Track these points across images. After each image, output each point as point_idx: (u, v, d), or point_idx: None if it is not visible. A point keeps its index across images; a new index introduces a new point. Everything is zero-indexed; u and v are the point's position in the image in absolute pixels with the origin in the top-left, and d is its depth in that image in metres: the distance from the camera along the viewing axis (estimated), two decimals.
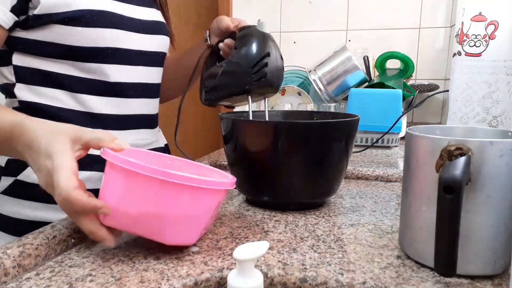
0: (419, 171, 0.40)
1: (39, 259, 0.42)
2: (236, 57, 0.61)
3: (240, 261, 0.30)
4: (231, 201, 0.64)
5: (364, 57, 1.28)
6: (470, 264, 0.38)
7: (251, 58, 0.60)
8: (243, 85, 0.61)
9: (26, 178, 0.61)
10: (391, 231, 0.51)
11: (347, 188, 0.73)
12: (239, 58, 0.60)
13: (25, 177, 0.61)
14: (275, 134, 0.54)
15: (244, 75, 0.60)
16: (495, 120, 0.98)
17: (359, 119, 0.59)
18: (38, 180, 0.43)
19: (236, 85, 0.62)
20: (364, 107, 1.11)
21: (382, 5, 1.55)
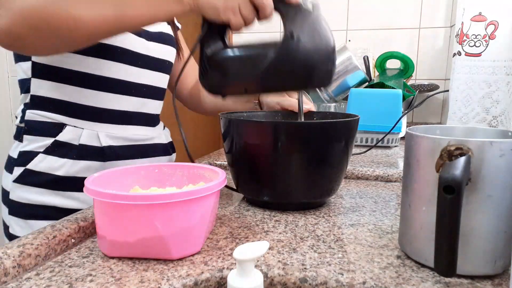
0: (419, 171, 0.40)
1: (39, 259, 0.42)
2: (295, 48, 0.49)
3: (240, 261, 0.30)
4: (231, 201, 0.64)
5: (364, 57, 1.28)
6: (470, 264, 0.38)
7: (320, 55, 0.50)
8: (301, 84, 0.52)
9: (34, 167, 0.65)
10: (391, 231, 0.51)
11: (347, 188, 0.73)
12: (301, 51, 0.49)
13: (33, 166, 0.65)
14: (275, 134, 0.54)
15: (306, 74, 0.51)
16: (495, 120, 0.98)
17: (359, 119, 0.59)
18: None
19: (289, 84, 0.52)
20: (364, 107, 1.11)
21: (382, 5, 1.55)
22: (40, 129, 0.67)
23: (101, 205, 0.42)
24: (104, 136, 0.69)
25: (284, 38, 0.50)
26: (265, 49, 0.52)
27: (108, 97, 0.68)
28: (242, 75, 0.54)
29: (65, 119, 0.67)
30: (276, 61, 0.50)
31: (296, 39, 0.49)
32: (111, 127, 0.70)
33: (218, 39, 0.56)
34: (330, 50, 0.50)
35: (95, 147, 0.68)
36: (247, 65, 0.53)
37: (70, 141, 0.67)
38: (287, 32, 0.49)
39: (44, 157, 0.66)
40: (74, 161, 0.66)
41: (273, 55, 0.50)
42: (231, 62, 0.55)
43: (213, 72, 0.56)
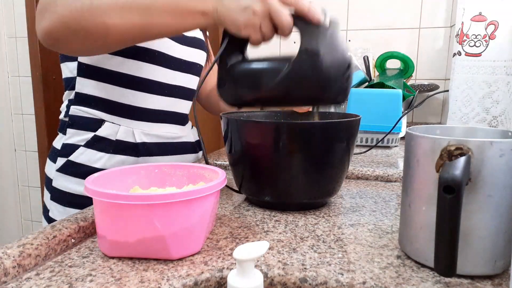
0: (419, 171, 0.40)
1: (39, 259, 0.42)
2: (310, 63, 0.50)
3: (240, 261, 0.30)
4: (231, 201, 0.64)
5: (364, 57, 1.28)
6: (470, 264, 0.38)
7: (334, 70, 0.50)
8: (316, 99, 0.52)
9: (76, 159, 0.71)
10: (391, 231, 0.51)
11: (347, 188, 0.73)
12: (316, 66, 0.49)
13: (75, 158, 0.71)
14: (276, 134, 0.54)
15: (320, 89, 0.50)
16: (495, 120, 0.98)
17: (360, 119, 0.59)
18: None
19: (302, 98, 0.53)
20: (364, 107, 1.11)
21: (382, 5, 1.55)
22: (82, 124, 0.72)
23: (101, 205, 0.42)
24: (139, 133, 0.74)
25: (298, 53, 0.50)
26: (280, 63, 0.52)
27: (144, 96, 0.73)
28: (256, 87, 0.55)
29: (104, 115, 0.72)
30: (289, 75, 0.51)
31: (310, 54, 0.49)
32: (145, 125, 0.74)
33: (237, 52, 0.58)
34: (345, 67, 0.50)
35: (130, 143, 0.73)
36: (262, 77, 0.54)
37: (108, 136, 0.71)
38: (303, 48, 0.50)
39: (84, 150, 0.71)
40: (110, 155, 0.71)
41: (287, 69, 0.51)
42: (247, 74, 0.56)
43: (230, 83, 0.57)
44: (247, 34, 0.53)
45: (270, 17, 0.52)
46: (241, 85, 0.56)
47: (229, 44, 0.57)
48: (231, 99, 0.58)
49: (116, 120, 0.72)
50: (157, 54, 0.73)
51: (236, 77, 0.57)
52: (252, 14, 0.51)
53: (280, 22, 0.51)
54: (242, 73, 0.57)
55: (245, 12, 0.52)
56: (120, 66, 0.70)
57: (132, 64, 0.71)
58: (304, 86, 0.51)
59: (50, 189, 0.74)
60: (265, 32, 0.53)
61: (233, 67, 0.57)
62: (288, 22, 0.51)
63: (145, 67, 0.72)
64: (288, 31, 0.53)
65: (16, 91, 2.15)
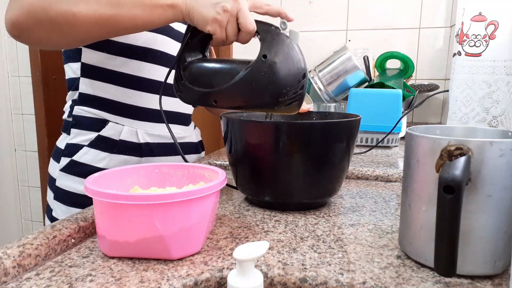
0: (419, 171, 0.40)
1: (39, 259, 0.42)
2: (267, 69, 0.52)
3: (240, 261, 0.30)
4: (231, 201, 0.64)
5: (364, 57, 1.28)
6: (470, 264, 0.38)
7: (290, 78, 0.52)
8: (270, 104, 0.53)
9: (79, 159, 0.71)
10: (391, 231, 0.51)
11: (347, 188, 0.73)
12: (272, 73, 0.51)
13: (78, 157, 0.71)
14: (276, 134, 0.54)
15: (274, 94, 0.52)
16: (495, 120, 0.98)
17: (360, 119, 0.59)
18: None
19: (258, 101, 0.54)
20: (364, 107, 1.11)
21: (382, 5, 1.55)
22: (86, 124, 0.72)
23: (101, 205, 0.42)
24: (142, 133, 0.74)
25: (256, 58, 0.53)
26: (238, 65, 0.54)
27: (147, 97, 0.73)
28: (211, 86, 0.56)
29: (108, 115, 0.72)
30: (245, 78, 0.53)
31: (267, 60, 0.52)
32: (149, 125, 0.75)
33: (198, 49, 0.59)
34: (300, 76, 0.52)
35: (133, 143, 0.73)
36: (217, 78, 0.55)
37: (112, 136, 0.72)
38: (261, 54, 0.52)
39: (88, 150, 0.71)
40: (114, 155, 0.72)
41: (243, 72, 0.53)
42: (203, 73, 0.57)
43: (186, 79, 0.58)
44: (213, 30, 0.54)
45: (237, 17, 0.53)
46: (199, 82, 0.57)
47: (191, 41, 0.58)
48: (188, 96, 0.59)
49: (120, 120, 0.72)
50: (159, 54, 0.73)
51: (195, 74, 0.57)
52: (222, 10, 0.52)
53: (245, 25, 0.53)
54: (201, 70, 0.57)
55: (215, 8, 0.52)
56: (123, 67, 0.71)
57: (135, 64, 0.71)
58: (260, 90, 0.53)
59: (53, 189, 0.74)
60: (229, 32, 0.54)
61: (192, 63, 0.58)
62: (253, 26, 0.53)
63: (148, 67, 0.72)
64: (250, 35, 0.55)
65: (16, 91, 2.15)
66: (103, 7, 0.54)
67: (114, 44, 0.70)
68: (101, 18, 0.55)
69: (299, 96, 0.53)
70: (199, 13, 0.53)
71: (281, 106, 0.53)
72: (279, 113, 0.59)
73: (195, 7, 0.53)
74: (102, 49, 0.70)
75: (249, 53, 0.63)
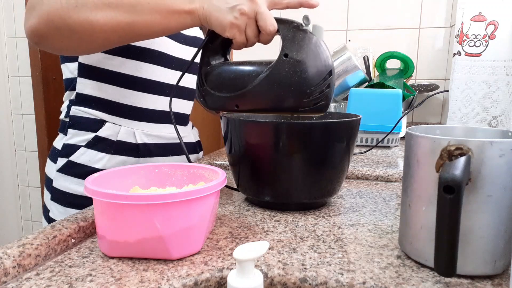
0: (419, 171, 0.40)
1: (39, 259, 0.42)
2: (288, 69, 0.49)
3: (240, 261, 0.30)
4: (231, 201, 0.64)
5: (364, 57, 1.28)
6: (470, 264, 0.38)
7: (313, 76, 0.48)
8: (294, 106, 0.50)
9: (76, 159, 0.71)
10: (391, 231, 0.51)
11: (347, 188, 0.73)
12: (294, 72, 0.48)
13: (75, 158, 0.71)
14: (276, 134, 0.54)
15: (298, 94, 0.49)
16: (495, 120, 0.98)
17: (360, 119, 0.59)
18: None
19: (281, 103, 0.50)
20: (364, 107, 1.11)
21: (382, 5, 1.55)
22: (83, 124, 0.72)
23: (101, 205, 0.42)
24: (140, 133, 0.74)
25: (278, 58, 0.50)
26: (259, 67, 0.52)
27: (145, 97, 0.73)
28: (232, 90, 0.54)
29: (105, 116, 0.72)
30: (265, 79, 0.50)
31: (289, 59, 0.48)
32: (146, 125, 0.75)
33: (219, 53, 0.57)
34: (326, 74, 0.49)
35: (131, 143, 0.73)
36: (238, 82, 0.53)
37: (109, 137, 0.71)
38: (282, 52, 0.50)
39: (85, 150, 0.71)
40: (111, 155, 0.71)
41: (264, 74, 0.50)
42: (224, 77, 0.55)
43: (208, 85, 0.56)
44: (232, 35, 0.53)
45: (256, 19, 0.52)
46: (220, 87, 0.55)
47: (211, 45, 0.57)
48: (210, 102, 0.57)
49: (117, 121, 0.72)
50: (157, 54, 0.73)
51: (216, 79, 0.56)
52: (239, 14, 0.51)
53: (265, 26, 0.51)
54: (222, 75, 0.56)
55: (232, 12, 0.51)
56: (120, 67, 0.70)
57: (132, 64, 0.71)
58: (282, 92, 0.50)
59: (50, 190, 0.74)
60: (249, 35, 0.53)
61: (213, 68, 0.56)
62: (273, 27, 0.52)
63: (146, 67, 0.72)
64: (271, 36, 0.53)
65: (16, 91, 2.15)
66: (120, 15, 0.54)
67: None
68: (119, 26, 0.55)
69: (326, 95, 0.49)
70: (216, 19, 0.52)
71: (306, 107, 0.50)
72: (305, 115, 0.54)
73: (212, 13, 0.53)
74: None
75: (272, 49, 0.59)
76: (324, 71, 0.49)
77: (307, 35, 0.50)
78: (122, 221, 0.41)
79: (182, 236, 0.41)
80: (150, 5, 0.54)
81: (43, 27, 0.55)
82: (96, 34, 0.55)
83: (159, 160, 0.76)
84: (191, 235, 0.42)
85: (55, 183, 0.72)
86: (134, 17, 0.54)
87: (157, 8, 0.54)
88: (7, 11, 2.08)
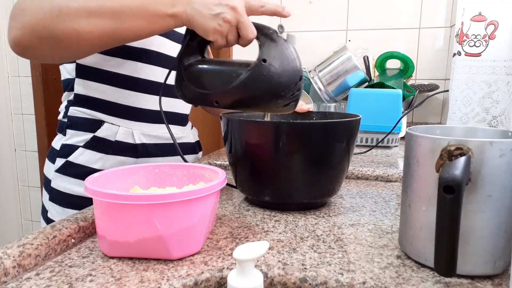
0: (419, 171, 0.40)
1: (39, 259, 0.42)
2: (266, 73, 0.54)
3: (240, 261, 0.30)
4: (231, 201, 0.64)
5: (364, 57, 1.28)
6: (470, 264, 0.38)
7: (287, 80, 0.54)
8: (269, 105, 0.56)
9: (75, 160, 0.71)
10: (391, 231, 0.51)
11: (347, 188, 0.73)
12: (271, 76, 0.53)
13: (74, 158, 0.71)
14: (276, 134, 0.54)
15: (273, 95, 0.54)
16: (495, 120, 0.98)
17: (360, 119, 0.59)
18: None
19: (258, 102, 0.56)
20: (364, 107, 1.11)
21: (382, 5, 1.55)
22: (81, 125, 0.72)
23: (101, 205, 0.42)
24: (138, 134, 0.74)
25: (257, 62, 0.54)
26: (239, 68, 0.56)
27: (143, 97, 0.73)
28: (213, 88, 0.58)
29: (103, 116, 0.72)
30: (246, 80, 0.54)
31: (266, 64, 0.54)
32: (145, 126, 0.75)
33: (197, 51, 0.61)
34: (297, 78, 0.54)
35: (129, 144, 0.73)
36: (219, 79, 0.57)
37: (107, 137, 0.71)
38: (261, 57, 0.54)
39: (83, 150, 0.71)
40: (110, 156, 0.71)
41: (245, 75, 0.55)
42: (204, 75, 0.59)
43: (188, 81, 0.59)
44: (214, 39, 0.55)
45: (238, 27, 0.54)
46: (201, 83, 0.58)
47: (190, 42, 0.60)
48: (190, 96, 0.60)
49: (115, 121, 0.72)
50: (155, 54, 0.73)
51: (197, 75, 0.59)
52: (223, 21, 0.53)
53: (246, 35, 0.54)
54: (203, 72, 0.59)
55: (216, 19, 0.53)
56: (118, 67, 0.70)
57: (130, 65, 0.71)
58: (259, 93, 0.55)
59: (48, 190, 0.74)
60: (230, 39, 0.56)
61: (194, 65, 0.59)
62: (253, 35, 0.55)
63: (144, 68, 0.72)
64: (249, 42, 0.56)
65: (16, 91, 2.15)
66: (105, 22, 0.54)
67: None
68: (104, 33, 0.55)
69: (296, 97, 0.55)
70: (200, 24, 0.54)
71: (279, 107, 0.56)
72: (277, 113, 0.61)
73: (195, 17, 0.54)
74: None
75: (249, 51, 0.62)
76: (296, 76, 0.54)
77: (282, 43, 0.55)
78: (122, 221, 0.41)
79: (182, 236, 0.41)
80: (133, 11, 0.54)
81: (27, 38, 0.55)
82: (82, 42, 0.55)
83: (158, 161, 0.76)
84: (191, 235, 0.42)
85: (54, 183, 0.72)
86: (119, 24, 0.55)
87: (140, 14, 0.55)
88: (7, 12, 2.08)
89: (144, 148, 0.74)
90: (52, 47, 0.56)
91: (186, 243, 0.42)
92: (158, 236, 0.40)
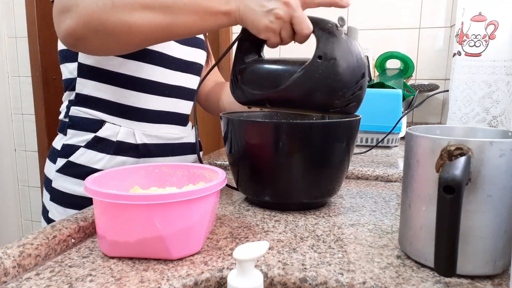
0: (419, 171, 0.40)
1: (39, 259, 0.42)
2: (322, 71, 0.49)
3: (240, 261, 0.30)
4: (231, 201, 0.64)
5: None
6: (470, 264, 0.38)
7: (348, 78, 0.49)
8: (325, 106, 0.51)
9: (76, 160, 0.70)
10: (391, 231, 0.51)
11: (347, 188, 0.73)
12: (328, 74, 0.49)
13: (75, 158, 0.70)
14: (276, 134, 0.54)
15: (332, 95, 0.50)
16: (495, 120, 0.98)
17: (360, 119, 0.59)
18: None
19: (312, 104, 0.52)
20: (364, 107, 1.10)
21: (382, 5, 1.55)
22: (82, 124, 0.72)
23: (101, 205, 0.42)
24: (140, 134, 0.73)
25: (312, 59, 0.51)
26: (293, 67, 0.53)
27: (144, 97, 0.73)
28: (266, 88, 0.55)
29: (105, 116, 0.72)
30: (299, 80, 0.51)
31: (325, 59, 0.49)
32: (146, 126, 0.74)
33: (253, 51, 0.58)
34: (359, 76, 0.49)
35: (130, 144, 0.73)
36: (271, 80, 0.54)
37: (109, 137, 0.71)
38: (316, 54, 0.50)
39: (84, 151, 0.71)
40: (111, 156, 0.71)
41: (297, 74, 0.51)
42: (260, 74, 0.56)
43: (242, 81, 0.58)
44: (267, 37, 0.54)
45: (292, 23, 0.52)
46: (253, 84, 0.56)
47: (246, 42, 0.57)
48: (243, 97, 0.58)
49: (117, 121, 0.72)
50: (157, 54, 0.73)
51: (249, 76, 0.57)
52: (274, 18, 0.51)
53: (301, 30, 0.52)
54: (255, 72, 0.57)
55: (268, 16, 0.52)
56: (120, 67, 0.70)
57: (132, 64, 0.71)
58: (316, 91, 0.51)
59: (49, 190, 0.74)
60: (284, 37, 0.54)
61: (247, 65, 0.58)
62: (309, 30, 0.52)
63: (145, 68, 0.72)
64: (306, 38, 0.53)
65: (16, 91, 2.15)
66: (158, 16, 0.54)
67: None
68: (157, 27, 0.55)
69: (357, 97, 0.50)
70: (252, 22, 0.53)
71: (337, 108, 0.51)
72: (335, 115, 0.56)
73: (247, 15, 0.53)
74: None
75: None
76: (358, 73, 0.49)
77: (342, 37, 0.50)
78: (122, 221, 0.41)
79: (182, 236, 0.41)
80: (187, 6, 0.54)
81: (81, 29, 0.55)
82: (133, 35, 0.55)
83: (159, 161, 0.76)
84: (191, 235, 0.42)
85: (55, 183, 0.72)
86: (172, 19, 0.54)
87: (194, 9, 0.54)
88: (7, 11, 2.08)
89: (145, 148, 0.74)
90: (104, 39, 0.56)
91: (186, 243, 0.42)
92: (158, 236, 0.40)
